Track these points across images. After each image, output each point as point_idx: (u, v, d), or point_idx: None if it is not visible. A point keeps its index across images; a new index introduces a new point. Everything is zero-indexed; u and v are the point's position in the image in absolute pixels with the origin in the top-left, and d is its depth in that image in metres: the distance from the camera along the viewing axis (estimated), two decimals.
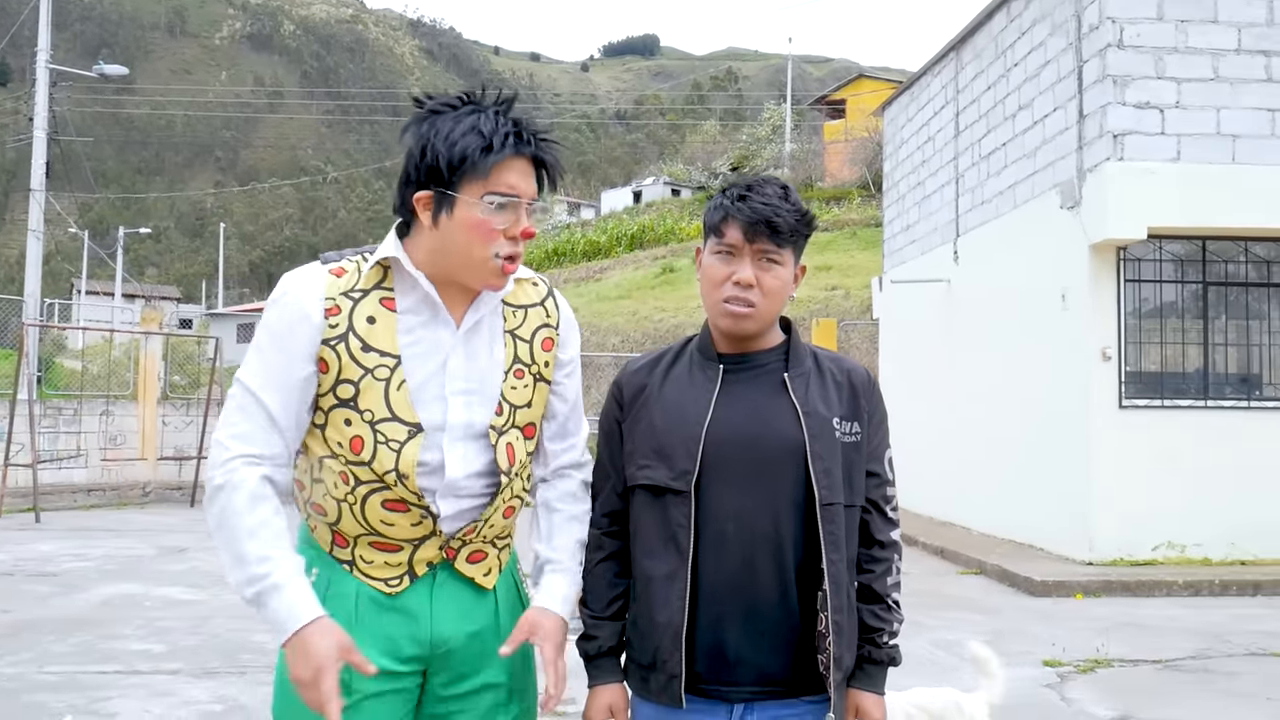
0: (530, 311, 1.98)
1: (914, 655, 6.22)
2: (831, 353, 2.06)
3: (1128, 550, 9.23)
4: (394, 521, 1.86)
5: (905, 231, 14.67)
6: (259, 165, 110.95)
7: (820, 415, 1.92)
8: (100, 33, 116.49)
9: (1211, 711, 5.24)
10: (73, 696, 5.07)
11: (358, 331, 1.84)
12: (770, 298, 1.94)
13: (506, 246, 1.83)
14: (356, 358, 1.83)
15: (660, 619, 1.90)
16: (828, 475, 1.88)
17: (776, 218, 1.90)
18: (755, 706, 1.91)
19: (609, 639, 1.99)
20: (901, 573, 2.01)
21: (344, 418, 1.84)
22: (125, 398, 15.88)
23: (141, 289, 49.72)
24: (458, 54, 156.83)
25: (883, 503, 1.99)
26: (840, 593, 1.88)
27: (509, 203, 1.82)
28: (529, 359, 1.95)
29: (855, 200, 36.38)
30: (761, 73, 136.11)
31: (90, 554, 9.83)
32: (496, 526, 1.96)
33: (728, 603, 1.88)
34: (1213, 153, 9.17)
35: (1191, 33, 9.20)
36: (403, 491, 1.84)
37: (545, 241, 43.23)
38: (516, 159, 1.83)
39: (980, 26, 12.02)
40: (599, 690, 1.99)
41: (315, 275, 1.87)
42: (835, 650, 1.86)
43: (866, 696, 1.96)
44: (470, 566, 1.94)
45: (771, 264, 1.93)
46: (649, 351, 2.12)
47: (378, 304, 1.86)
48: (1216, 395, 9.63)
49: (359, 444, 1.83)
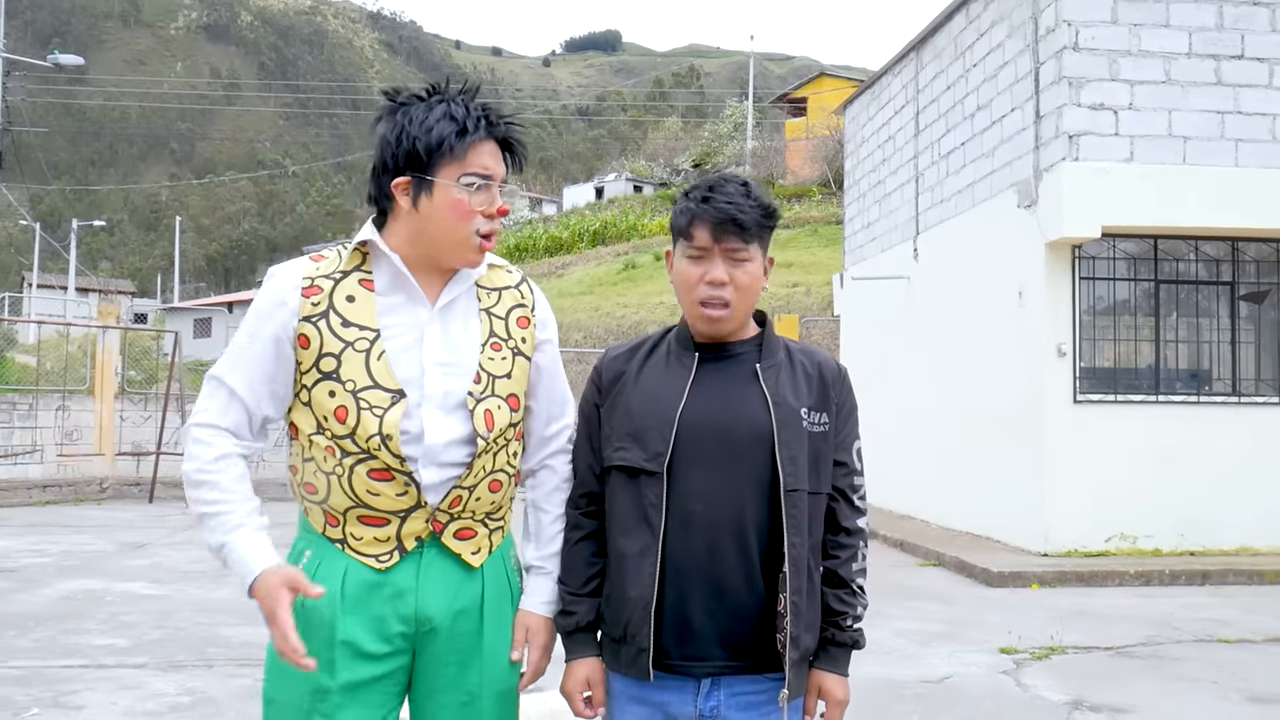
0: (504, 293, 2.08)
1: (876, 644, 6.36)
2: (804, 345, 2.14)
3: (1082, 542, 9.44)
4: (380, 491, 1.93)
5: (866, 229, 14.85)
6: (216, 158, 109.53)
7: (789, 405, 2.00)
8: (52, 21, 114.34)
9: (1160, 695, 5.41)
10: (38, 690, 5.05)
11: (338, 309, 1.95)
12: (744, 294, 2.02)
13: (484, 224, 1.95)
14: (337, 332, 1.93)
15: (632, 594, 1.98)
16: (793, 462, 1.96)
17: (741, 215, 1.98)
18: (721, 681, 1.99)
19: (586, 615, 2.07)
20: (866, 559, 2.10)
21: (328, 390, 1.93)
22: (81, 392, 15.67)
23: (96, 282, 48.94)
24: (418, 47, 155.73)
25: (850, 491, 2.07)
26: (800, 575, 1.96)
27: (484, 183, 1.94)
28: (505, 334, 2.03)
29: (816, 197, 36.64)
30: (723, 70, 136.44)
31: (49, 550, 9.72)
32: (484, 501, 2.01)
33: (694, 581, 1.96)
34: (1164, 153, 9.40)
35: (1144, 36, 9.42)
36: (387, 457, 1.91)
37: (507, 237, 43.09)
38: (487, 142, 1.95)
39: (940, 27, 12.20)
40: (576, 664, 2.07)
41: (296, 263, 2.02)
42: (793, 630, 1.94)
43: (829, 677, 2.05)
44: (458, 543, 1.99)
45: (741, 261, 2.00)
46: (630, 339, 2.21)
47: (357, 284, 1.97)
48: (1168, 390, 9.87)
49: (343, 413, 1.91)
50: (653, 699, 2.01)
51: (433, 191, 1.91)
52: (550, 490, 2.13)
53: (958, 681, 5.58)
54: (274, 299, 1.96)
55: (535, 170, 79.11)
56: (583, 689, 2.07)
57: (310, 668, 1.81)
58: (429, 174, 1.91)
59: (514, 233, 44.61)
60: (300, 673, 1.86)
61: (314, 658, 1.83)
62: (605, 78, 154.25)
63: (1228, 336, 9.99)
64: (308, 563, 1.96)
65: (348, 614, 1.93)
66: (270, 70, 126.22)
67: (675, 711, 2.01)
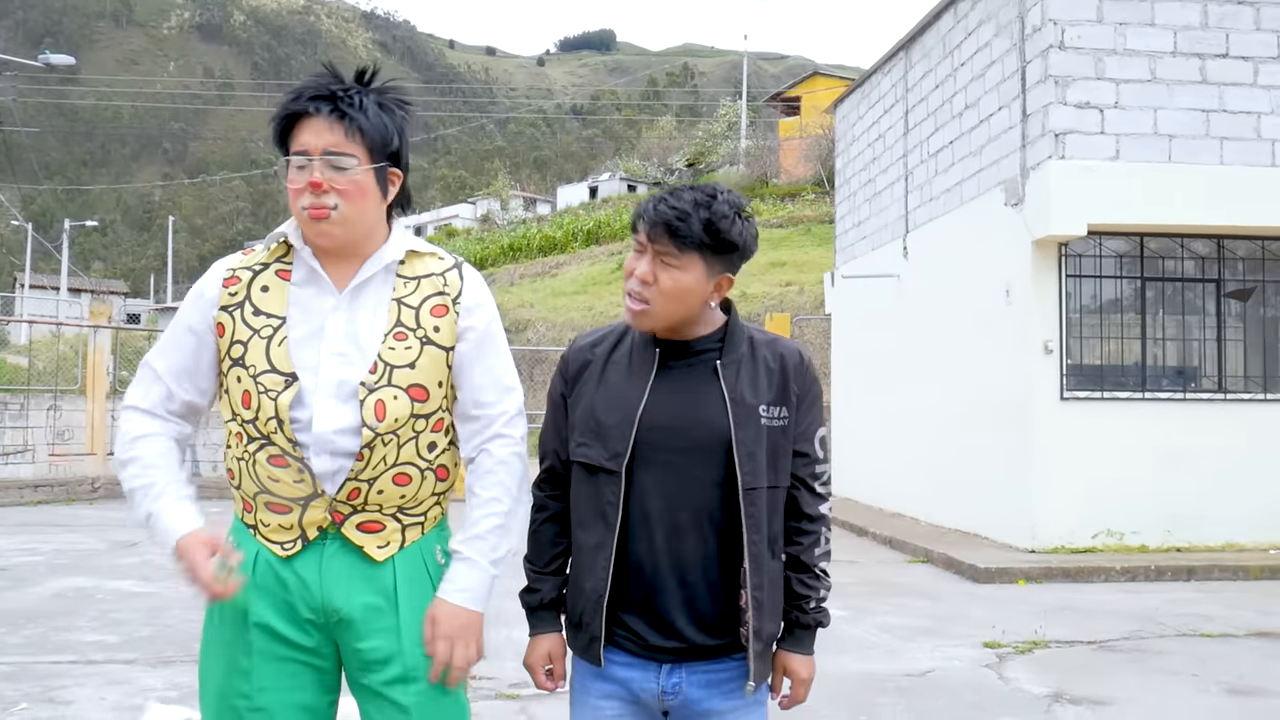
0: (424, 281, 2.08)
1: (859, 639, 6.42)
2: (769, 335, 2.17)
3: (1069, 538, 9.50)
4: (279, 478, 1.99)
5: (857, 228, 14.91)
6: (209, 158, 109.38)
7: (747, 404, 2.03)
8: (44, 21, 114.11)
9: (1140, 687, 5.46)
10: (28, 685, 5.08)
11: (252, 299, 2.05)
12: (667, 299, 2.00)
13: (308, 198, 1.97)
14: (248, 320, 2.03)
15: (586, 586, 2.05)
16: (751, 460, 2.00)
17: (678, 222, 1.97)
18: (683, 665, 2.06)
19: (549, 592, 2.14)
20: (830, 543, 2.15)
21: (236, 375, 2.02)
22: (73, 392, 15.67)
23: (88, 283, 48.87)
24: (412, 47, 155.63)
25: (811, 480, 2.11)
26: (760, 571, 2.01)
27: (303, 160, 1.98)
28: (413, 324, 2.03)
29: (809, 197, 36.74)
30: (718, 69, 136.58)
31: (40, 549, 9.74)
32: (389, 495, 2.02)
33: (655, 576, 2.02)
34: (1150, 152, 9.46)
35: (1130, 35, 9.48)
36: (281, 442, 1.97)
37: (501, 237, 43.13)
38: (308, 119, 1.99)
39: (929, 26, 12.25)
40: (538, 639, 2.15)
41: (228, 257, 2.14)
42: (755, 623, 2.01)
43: (794, 657, 2.12)
44: (361, 535, 2.02)
45: (670, 266, 2.00)
46: (597, 328, 2.23)
47: (274, 275, 2.06)
48: (1154, 387, 9.93)
49: (247, 398, 2.00)
50: (615, 676, 2.08)
51: (284, 171, 2.02)
52: (481, 474, 2.09)
53: (940, 675, 5.63)
54: (197, 290, 2.09)
55: (529, 170, 79.09)
56: (544, 663, 2.14)
57: (231, 591, 1.89)
58: (284, 156, 2.02)
59: (508, 233, 44.65)
60: (222, 652, 1.99)
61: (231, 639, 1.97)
62: (599, 77, 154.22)
63: (1214, 334, 10.06)
64: (238, 539, 2.06)
65: (259, 599, 2.01)
66: (263, 70, 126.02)
67: (636, 689, 2.07)
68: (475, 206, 58.55)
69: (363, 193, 1.99)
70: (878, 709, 4.99)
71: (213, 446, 15.90)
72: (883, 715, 4.89)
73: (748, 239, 2.05)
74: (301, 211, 1.99)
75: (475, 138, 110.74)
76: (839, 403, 15.39)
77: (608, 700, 2.10)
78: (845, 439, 15.01)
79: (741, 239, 2.03)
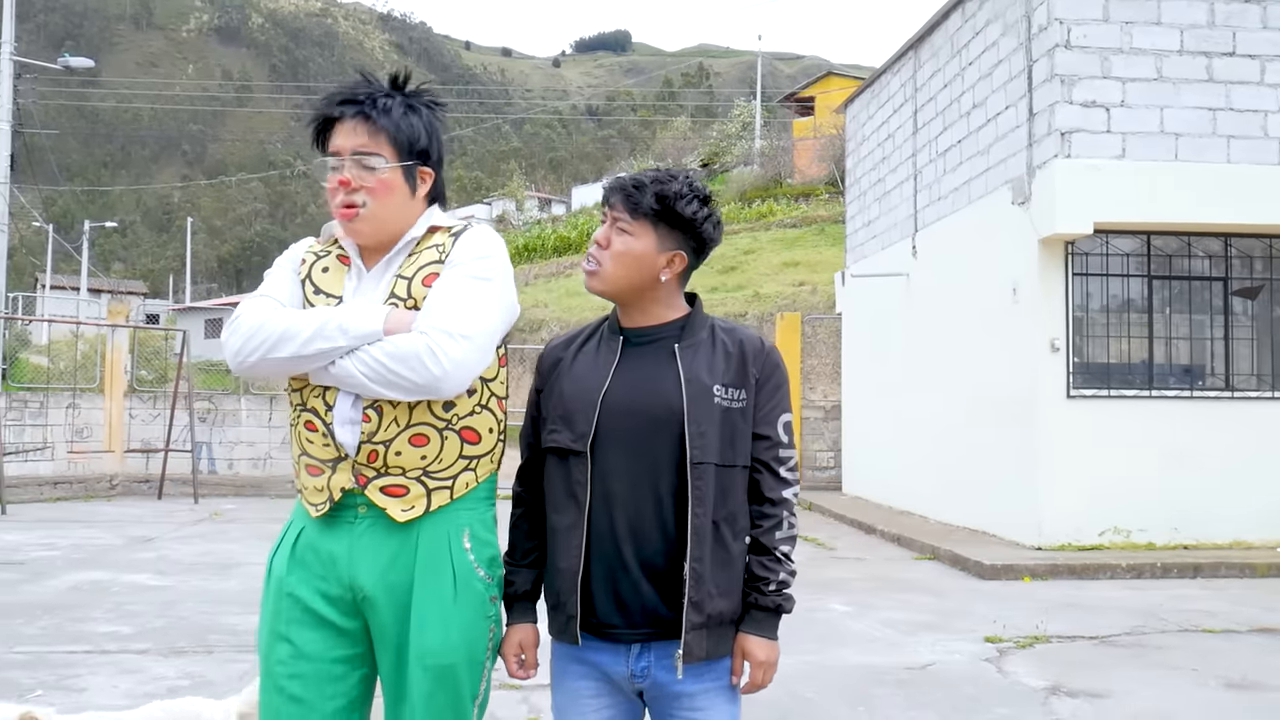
0: (424, 253, 2.19)
1: (861, 633, 6.48)
2: (731, 324, 2.26)
3: (1075, 536, 9.53)
4: (312, 440, 2.13)
5: (866, 227, 14.95)
6: (227, 159, 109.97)
7: (701, 382, 2.12)
8: (65, 24, 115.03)
9: (1139, 681, 5.51)
10: (43, 674, 5.21)
11: (313, 279, 2.22)
12: (616, 263, 2.15)
13: (340, 195, 2.15)
14: (309, 298, 2.19)
15: (561, 565, 2.14)
16: (701, 437, 2.08)
17: (633, 189, 2.14)
18: (651, 646, 2.13)
19: (524, 584, 2.24)
20: (795, 528, 2.21)
21: None
22: (92, 390, 15.87)
23: (108, 283, 49.28)
24: (428, 49, 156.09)
25: (774, 464, 2.17)
26: (702, 544, 2.07)
27: (335, 161, 2.16)
28: (405, 294, 2.13)
29: (823, 196, 36.67)
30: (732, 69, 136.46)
31: (58, 544, 9.90)
32: (408, 456, 2.10)
33: (617, 554, 2.10)
34: (1156, 150, 9.48)
35: (1136, 34, 9.50)
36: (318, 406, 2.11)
37: (516, 237, 43.25)
38: (340, 123, 2.16)
39: (937, 26, 12.29)
40: (512, 629, 2.25)
41: (309, 239, 2.34)
42: (694, 595, 2.06)
43: (751, 639, 2.16)
44: (385, 498, 2.11)
45: (622, 232, 2.15)
46: (571, 329, 2.35)
47: (335, 259, 2.25)
48: (1161, 385, 9.94)
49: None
50: (590, 659, 2.16)
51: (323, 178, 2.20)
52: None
53: (939, 668, 5.69)
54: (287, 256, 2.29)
55: (545, 170, 79.24)
56: (516, 652, 2.23)
57: None
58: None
59: (523, 233, 44.76)
60: (266, 618, 2.15)
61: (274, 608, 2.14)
62: (615, 78, 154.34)
63: (1221, 332, 10.06)
64: (293, 514, 2.24)
65: (294, 570, 2.15)
66: (281, 72, 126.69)
67: (610, 671, 2.15)
68: (490, 207, 58.72)
69: (390, 190, 2.14)
70: (876, 700, 5.06)
71: (228, 444, 16.06)
72: (881, 707, 4.96)
73: (703, 222, 2.17)
74: (336, 209, 2.17)
75: (491, 138, 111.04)
76: (849, 401, 15.43)
77: (585, 681, 2.17)
78: (855, 437, 15.05)
79: (695, 218, 2.15)
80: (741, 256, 29.41)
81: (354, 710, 2.16)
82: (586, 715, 2.17)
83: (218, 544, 10.06)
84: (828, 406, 16.33)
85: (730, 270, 28.02)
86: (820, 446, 16.30)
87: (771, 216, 34.91)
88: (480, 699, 2.19)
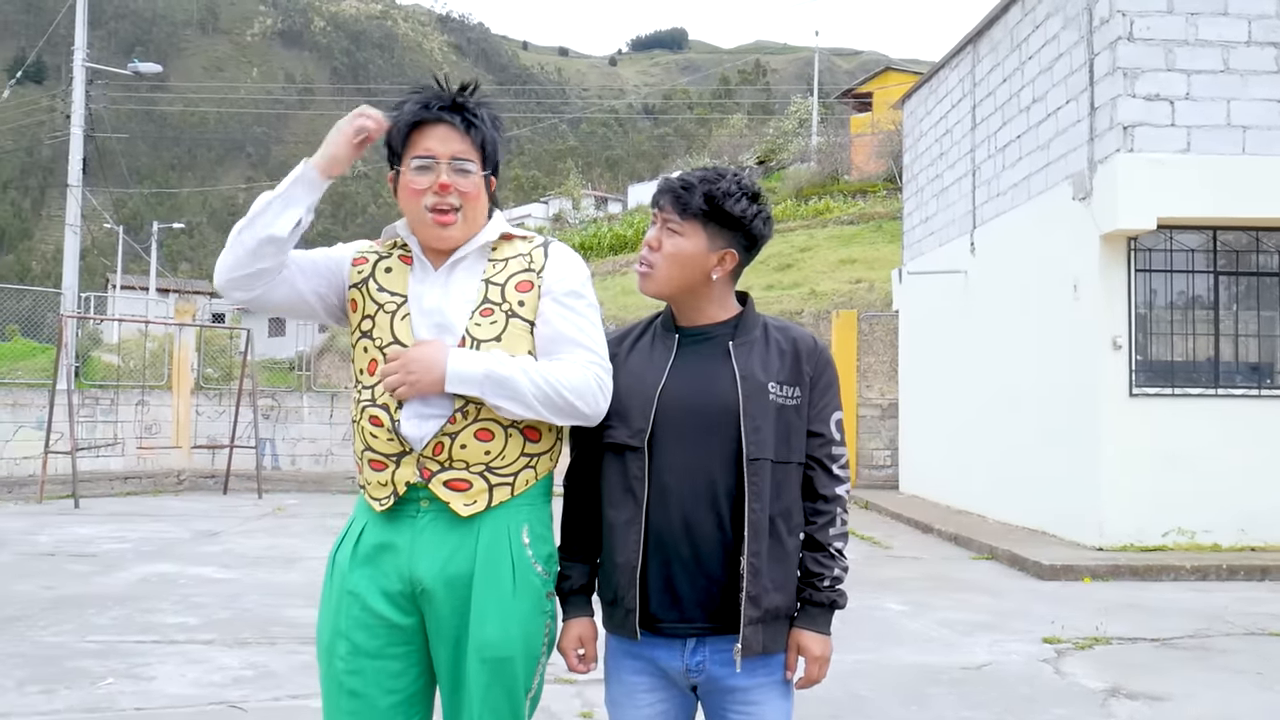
0: (511, 261, 2.26)
1: (917, 632, 6.44)
2: (783, 323, 2.28)
3: (1138, 537, 9.36)
4: (377, 435, 2.17)
5: (924, 224, 14.80)
6: (290, 161, 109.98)
7: (756, 380, 2.14)
8: (134, 30, 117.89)
9: (1200, 684, 5.41)
10: (113, 662, 5.38)
11: (377, 277, 2.26)
12: (669, 264, 2.17)
13: (431, 199, 2.17)
14: (373, 296, 2.24)
15: (619, 560, 2.15)
16: (757, 433, 2.11)
17: (682, 190, 2.16)
18: (706, 641, 2.14)
19: (579, 579, 2.26)
20: (847, 524, 2.23)
21: (363, 346, 2.24)
22: (160, 388, 16.29)
23: (175, 283, 50.45)
24: (486, 49, 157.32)
25: (827, 461, 2.20)
26: (760, 539, 2.09)
27: (426, 163, 2.17)
28: (499, 299, 2.19)
29: (881, 193, 36.33)
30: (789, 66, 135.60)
31: (128, 537, 10.19)
32: (473, 450, 2.14)
33: (674, 549, 2.12)
34: (1223, 144, 9.27)
35: (1201, 25, 9.30)
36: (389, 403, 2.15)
37: (572, 236, 43.45)
38: (435, 126, 2.18)
39: (996, 20, 12.13)
40: (570, 624, 2.26)
41: (362, 242, 2.38)
42: (752, 590, 2.08)
43: (807, 635, 2.18)
44: (448, 491, 2.15)
45: (672, 233, 2.17)
46: (623, 325, 2.37)
47: (397, 259, 2.28)
48: (1227, 384, 9.73)
49: (373, 367, 2.19)
50: (645, 654, 2.18)
51: (398, 179, 2.21)
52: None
53: (996, 668, 5.64)
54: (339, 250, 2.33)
55: (601, 169, 79.45)
56: (576, 646, 2.24)
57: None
58: (397, 165, 2.21)
59: (579, 231, 44.94)
60: (328, 613, 2.19)
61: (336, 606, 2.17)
62: (671, 76, 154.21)
63: None
64: (355, 510, 2.28)
65: (355, 568, 2.19)
66: (342, 74, 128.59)
67: (665, 665, 2.17)
68: (547, 206, 59.02)
69: (479, 197, 2.22)
70: (930, 699, 5.03)
71: (291, 441, 16.38)
72: (934, 706, 4.93)
73: (753, 219, 2.18)
74: (425, 213, 2.17)
75: (548, 138, 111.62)
76: (906, 399, 15.29)
77: (639, 676, 2.19)
78: (912, 436, 14.91)
79: (744, 215, 2.17)
80: (798, 254, 29.24)
81: (413, 705, 2.20)
82: (641, 709, 2.19)
83: (280, 538, 10.28)
84: (884, 404, 16.20)
85: (786, 268, 27.87)
86: (877, 445, 16.18)
87: (828, 213, 34.66)
88: (533, 693, 2.21)
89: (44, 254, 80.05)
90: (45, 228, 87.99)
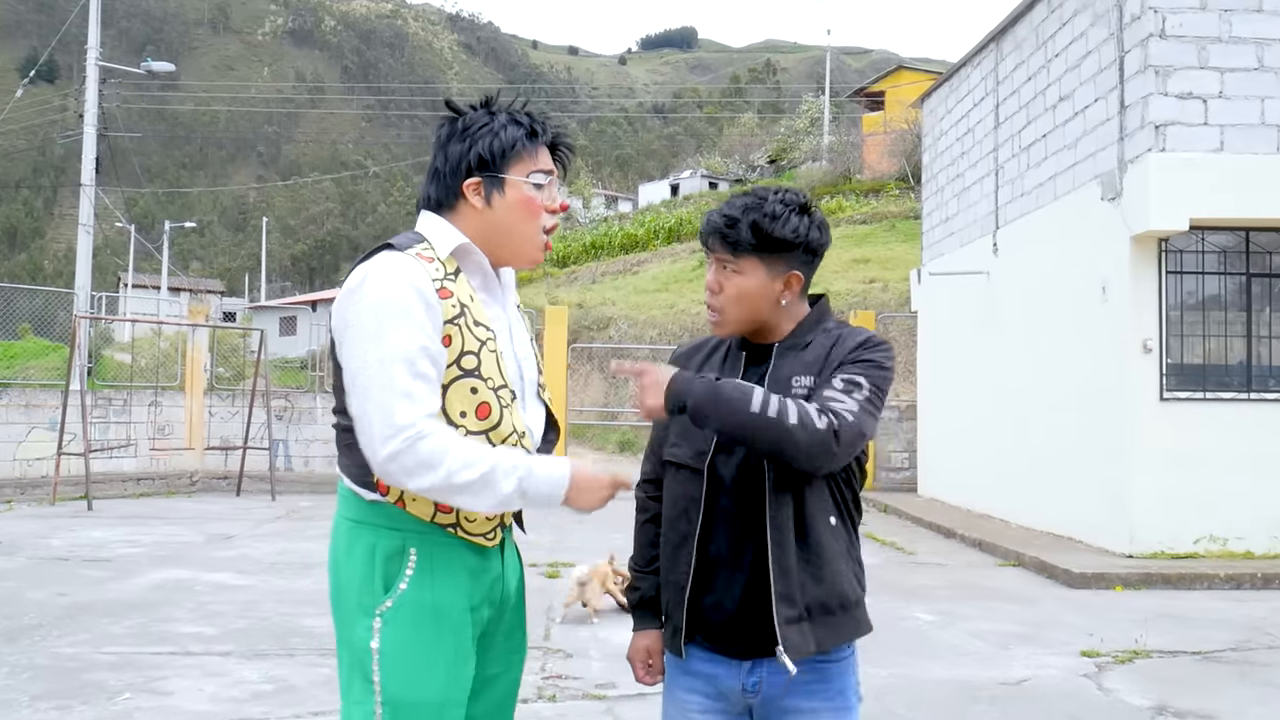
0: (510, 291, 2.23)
1: (951, 644, 6.28)
2: (850, 328, 2.13)
3: (1169, 543, 9.18)
4: None
5: (944, 224, 14.61)
6: (300, 160, 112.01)
7: (782, 376, 2.06)
8: (145, 29, 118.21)
9: (1250, 701, 5.24)
10: (130, 675, 5.24)
11: (469, 309, 1.99)
12: (735, 304, 2.09)
13: (549, 219, 2.09)
14: (472, 331, 1.98)
15: (672, 579, 2.13)
16: None
17: (728, 229, 2.05)
18: (764, 661, 2.07)
19: (648, 590, 2.23)
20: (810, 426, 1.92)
21: (470, 386, 1.96)
22: (173, 389, 16.19)
23: (187, 282, 50.48)
24: (496, 48, 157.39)
25: (818, 400, 1.97)
26: (782, 534, 1.99)
27: (548, 180, 2.08)
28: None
29: (894, 193, 36.14)
30: (800, 65, 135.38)
31: (141, 540, 10.08)
32: None
33: (726, 568, 2.06)
34: (1257, 143, 9.08)
35: (1235, 22, 9.10)
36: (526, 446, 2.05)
37: (583, 235, 43.34)
38: (538, 146, 2.09)
39: (1021, 17, 11.94)
40: (638, 635, 2.26)
41: (416, 263, 1.94)
42: (781, 588, 1.98)
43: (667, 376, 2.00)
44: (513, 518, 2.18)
45: (732, 273, 2.07)
46: (696, 338, 2.30)
47: (466, 284, 2.03)
48: (1260, 388, 9.53)
49: (485, 410, 1.98)
50: (701, 671, 2.13)
51: (504, 189, 2.03)
52: None
53: (1036, 684, 5.47)
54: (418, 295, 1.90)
55: (611, 168, 79.36)
56: (644, 658, 2.23)
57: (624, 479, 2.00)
58: (501, 173, 2.03)
59: (589, 230, 44.84)
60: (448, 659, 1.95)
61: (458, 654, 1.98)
62: (681, 75, 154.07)
63: None
64: (417, 561, 1.97)
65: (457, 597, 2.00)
66: (353, 73, 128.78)
67: (721, 684, 2.12)
68: None
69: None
70: (971, 718, 4.88)
71: (304, 442, 16.27)
72: None
73: (805, 233, 2.07)
74: (540, 235, 2.07)
75: None
76: (925, 401, 15.11)
77: (692, 695, 2.15)
78: (931, 438, 14.73)
79: (797, 234, 2.06)
80: None
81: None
82: None
83: (295, 542, 10.15)
84: (902, 406, 16.02)
85: None
86: (895, 447, 16.00)
87: (840, 213, 34.47)
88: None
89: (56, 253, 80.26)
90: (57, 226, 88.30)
